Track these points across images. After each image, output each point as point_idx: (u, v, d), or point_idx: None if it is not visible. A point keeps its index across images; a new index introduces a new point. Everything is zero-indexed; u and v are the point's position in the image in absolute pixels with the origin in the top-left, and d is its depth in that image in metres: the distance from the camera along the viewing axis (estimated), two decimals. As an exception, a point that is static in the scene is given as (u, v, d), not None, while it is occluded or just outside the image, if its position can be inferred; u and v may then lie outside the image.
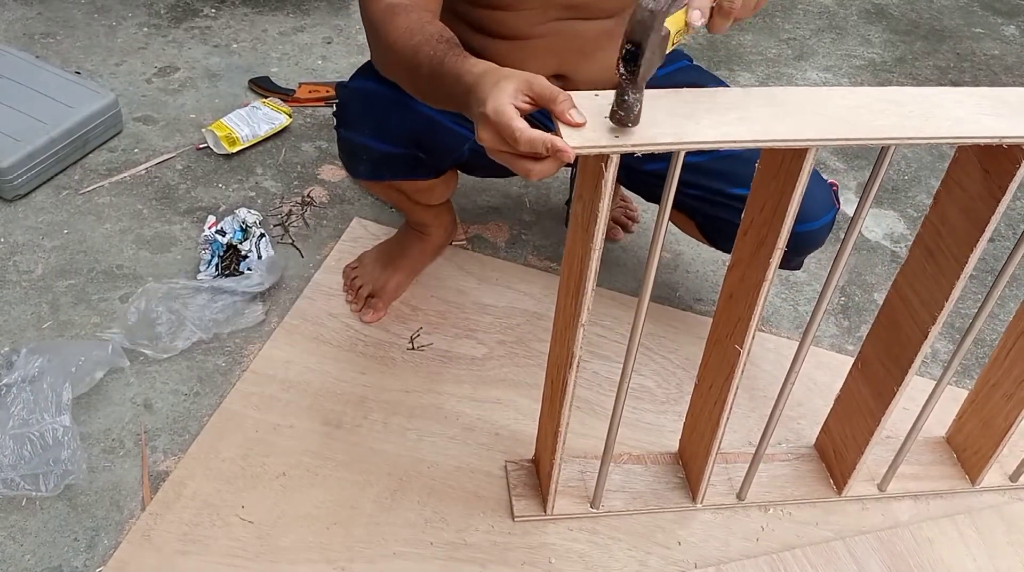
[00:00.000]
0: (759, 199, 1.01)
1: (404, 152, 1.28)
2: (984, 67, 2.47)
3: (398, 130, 1.26)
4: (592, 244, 0.92)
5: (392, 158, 1.29)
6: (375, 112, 1.26)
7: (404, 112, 1.23)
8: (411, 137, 1.26)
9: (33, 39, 2.14)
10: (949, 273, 1.05)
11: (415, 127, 1.25)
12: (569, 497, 1.27)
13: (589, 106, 0.86)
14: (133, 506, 1.25)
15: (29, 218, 1.68)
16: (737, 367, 1.10)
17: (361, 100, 1.27)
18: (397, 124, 1.25)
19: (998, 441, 1.29)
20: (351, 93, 1.30)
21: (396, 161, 1.30)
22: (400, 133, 1.26)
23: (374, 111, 1.26)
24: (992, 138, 0.90)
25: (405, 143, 1.27)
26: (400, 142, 1.27)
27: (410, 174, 1.35)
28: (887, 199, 1.96)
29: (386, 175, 1.35)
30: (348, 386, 1.43)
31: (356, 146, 1.31)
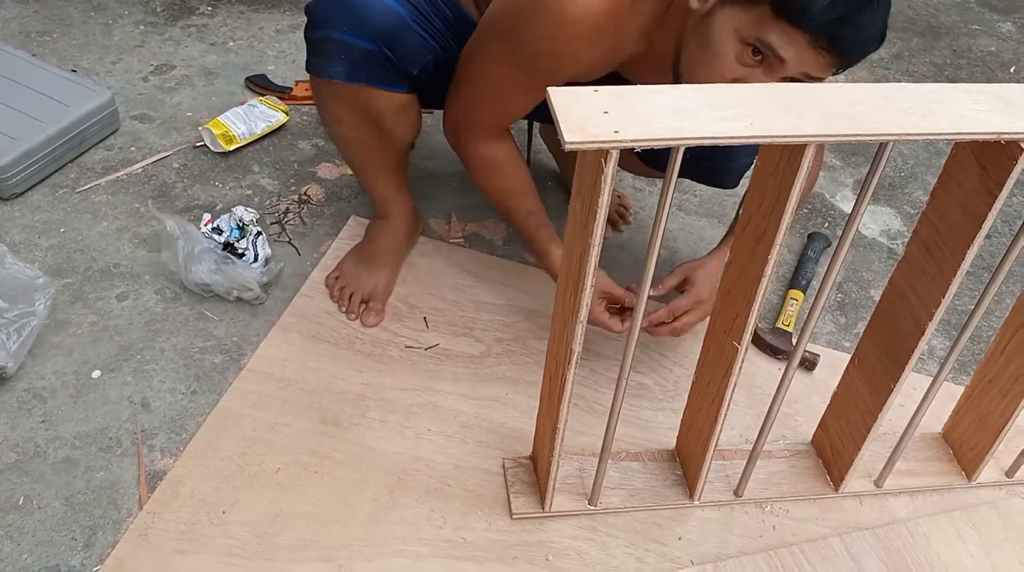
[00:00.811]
0: (757, 195, 1.01)
1: (377, 50, 1.30)
2: (981, 64, 2.47)
3: (371, 26, 1.29)
4: (591, 240, 0.92)
5: (369, 56, 1.31)
6: (350, 8, 1.28)
7: (376, 7, 1.28)
8: (383, 34, 1.29)
9: (29, 37, 2.13)
10: (946, 269, 1.05)
11: (386, 24, 1.29)
12: (567, 494, 1.28)
13: (589, 100, 0.86)
14: (131, 505, 1.25)
15: (26, 217, 1.68)
16: (735, 364, 1.10)
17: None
18: (371, 20, 1.28)
19: (994, 437, 1.29)
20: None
21: (372, 61, 1.31)
22: (374, 29, 1.29)
23: (349, 6, 1.28)
24: (990, 134, 0.90)
25: (378, 40, 1.29)
26: (375, 38, 1.29)
27: (384, 81, 1.35)
28: (884, 196, 1.96)
29: (362, 78, 1.34)
30: (346, 384, 1.43)
31: (334, 44, 1.31)
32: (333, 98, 1.39)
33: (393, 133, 1.44)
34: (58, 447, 1.31)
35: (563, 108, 0.85)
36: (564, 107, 0.85)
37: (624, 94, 0.88)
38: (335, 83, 1.34)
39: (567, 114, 0.84)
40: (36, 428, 1.33)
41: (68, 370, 1.41)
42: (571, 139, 0.82)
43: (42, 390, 1.38)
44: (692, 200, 1.89)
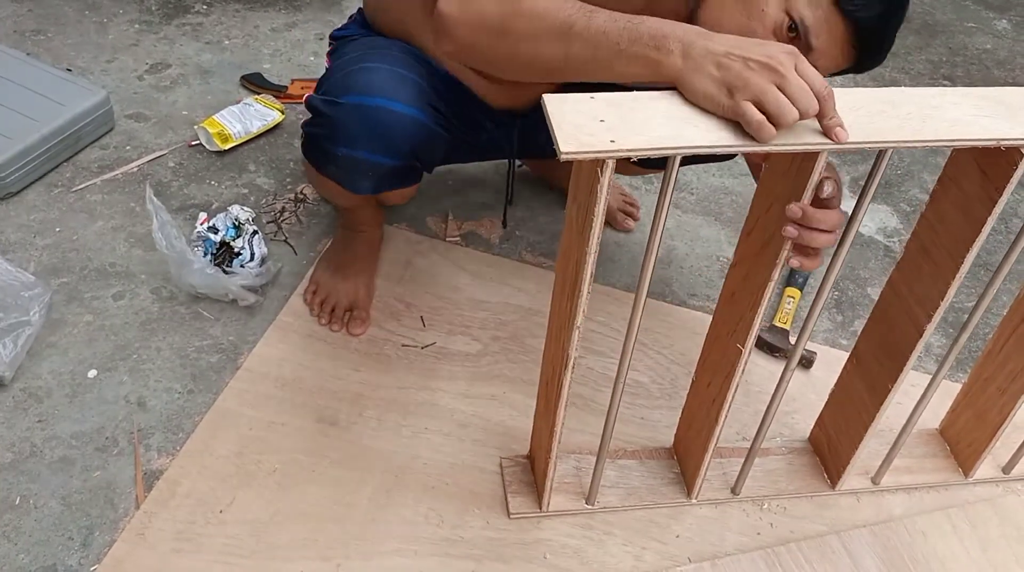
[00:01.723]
0: (766, 199, 1.00)
1: (405, 164, 1.27)
2: (976, 61, 2.47)
3: (401, 145, 1.23)
4: (588, 247, 0.91)
5: (396, 171, 1.27)
6: (381, 128, 1.21)
7: (404, 124, 1.21)
8: (411, 148, 1.24)
9: (24, 36, 2.13)
10: (945, 272, 1.05)
11: (416, 140, 1.23)
12: (564, 493, 1.28)
13: (584, 108, 0.85)
14: (127, 504, 1.25)
15: (21, 216, 1.67)
16: (738, 366, 1.10)
17: (364, 117, 1.21)
18: (400, 139, 1.22)
19: (992, 434, 1.29)
20: (350, 111, 1.21)
21: (398, 173, 1.29)
22: (404, 148, 1.24)
23: (380, 127, 1.21)
24: (990, 140, 0.89)
25: (407, 155, 1.25)
26: (403, 155, 1.25)
27: (406, 182, 1.34)
28: (880, 194, 1.96)
29: (386, 187, 1.33)
30: (342, 383, 1.43)
31: (361, 164, 1.26)
32: (339, 191, 1.35)
33: (391, 202, 1.50)
34: (54, 447, 1.31)
35: (557, 116, 0.83)
36: (558, 115, 0.83)
37: (619, 101, 0.86)
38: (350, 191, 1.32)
39: (561, 122, 0.82)
40: (32, 428, 1.33)
41: (64, 370, 1.41)
42: (566, 150, 0.80)
43: (38, 390, 1.38)
44: (689, 198, 1.89)
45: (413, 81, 1.23)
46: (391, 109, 1.19)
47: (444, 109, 1.28)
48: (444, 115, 1.28)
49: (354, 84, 1.21)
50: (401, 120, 1.20)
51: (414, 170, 1.30)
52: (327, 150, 1.25)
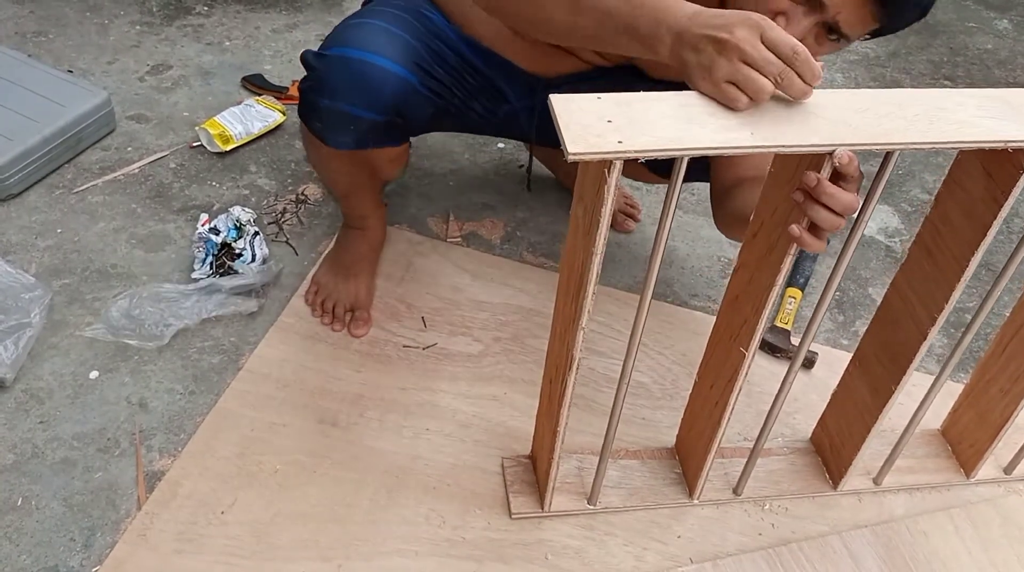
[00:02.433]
0: (771, 202, 0.99)
1: (386, 119, 1.27)
2: (977, 61, 2.47)
3: (384, 100, 1.25)
4: (594, 248, 0.91)
5: (376, 126, 1.28)
6: (363, 81, 1.23)
7: (387, 80, 1.23)
8: (395, 106, 1.26)
9: (25, 38, 2.13)
10: (949, 274, 1.05)
11: (398, 96, 1.25)
12: (566, 494, 1.27)
13: (591, 108, 0.84)
14: (129, 505, 1.25)
15: (22, 218, 1.67)
16: (741, 370, 1.10)
17: (346, 69, 1.23)
18: (382, 94, 1.24)
19: (993, 435, 1.29)
20: (334, 62, 1.24)
21: (379, 129, 1.29)
22: (386, 103, 1.25)
23: (362, 80, 1.23)
24: (996, 142, 0.89)
25: (387, 110, 1.26)
26: (384, 110, 1.26)
27: (388, 141, 1.34)
28: (882, 194, 1.96)
29: (369, 143, 1.33)
30: (343, 384, 1.43)
31: (343, 116, 1.27)
32: (328, 154, 1.36)
33: (383, 173, 1.47)
34: (56, 448, 1.31)
35: (564, 116, 0.82)
36: (565, 115, 0.83)
37: (626, 101, 0.86)
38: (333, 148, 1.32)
39: (568, 122, 0.82)
40: (34, 429, 1.33)
41: (66, 371, 1.41)
42: (574, 150, 0.79)
43: (40, 391, 1.38)
44: (690, 198, 1.89)
45: (404, 41, 1.24)
46: (373, 63, 1.21)
47: (441, 75, 1.30)
48: (438, 80, 1.30)
49: (343, 38, 1.24)
50: (382, 74, 1.22)
51: (396, 128, 1.31)
52: (312, 102, 1.27)
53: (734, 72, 0.86)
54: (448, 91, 1.32)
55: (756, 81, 0.86)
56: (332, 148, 1.31)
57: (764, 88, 0.86)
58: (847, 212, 0.92)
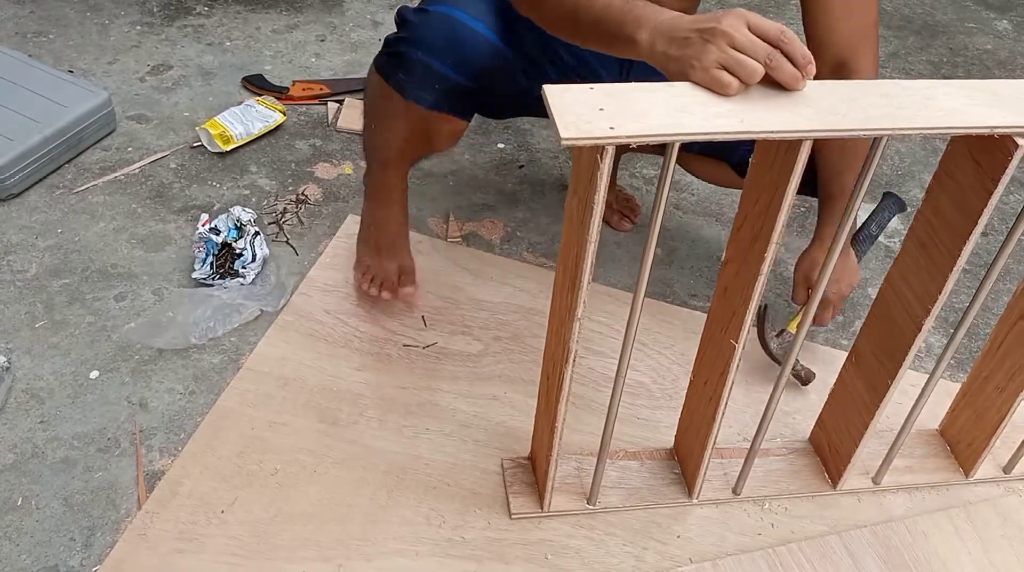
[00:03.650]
0: (753, 193, 1.01)
1: (476, 87, 1.28)
2: (977, 62, 2.47)
3: (478, 65, 1.26)
4: (587, 237, 0.92)
5: (461, 90, 1.29)
6: (461, 43, 1.25)
7: (484, 46, 1.25)
8: (485, 71, 1.27)
9: (26, 38, 2.13)
10: (942, 266, 1.05)
11: (493, 65, 1.26)
12: (566, 494, 1.28)
13: (584, 98, 0.86)
14: (129, 505, 1.25)
15: (23, 218, 1.67)
16: (732, 362, 1.10)
17: (447, 27, 1.25)
18: (478, 58, 1.25)
19: (991, 433, 1.29)
20: (436, 19, 1.25)
21: (462, 93, 1.30)
22: (478, 66, 1.26)
23: (461, 42, 1.25)
24: (984, 128, 0.91)
25: (478, 76, 1.27)
26: (475, 75, 1.27)
27: (462, 110, 1.36)
28: (880, 193, 1.96)
29: (445, 106, 1.33)
30: (344, 383, 1.43)
31: (432, 73, 1.28)
32: (395, 112, 1.35)
33: (436, 147, 1.46)
34: (56, 447, 1.31)
35: (559, 105, 0.85)
36: (559, 104, 0.85)
37: (619, 91, 0.88)
38: (409, 103, 1.31)
39: (562, 111, 0.85)
40: (34, 428, 1.33)
41: (66, 371, 1.41)
42: (566, 136, 0.82)
43: (40, 391, 1.38)
44: (690, 199, 1.89)
45: (506, 13, 1.25)
46: (475, 28, 1.24)
47: (538, 54, 1.32)
48: (533, 60, 1.31)
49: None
50: (482, 41, 1.24)
51: (476, 97, 1.32)
52: (403, 54, 1.29)
53: (724, 57, 0.89)
54: (541, 71, 1.33)
55: (746, 64, 0.89)
56: (408, 102, 1.31)
57: (755, 70, 0.89)
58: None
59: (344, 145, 1.93)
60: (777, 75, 0.90)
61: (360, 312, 1.55)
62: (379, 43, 2.23)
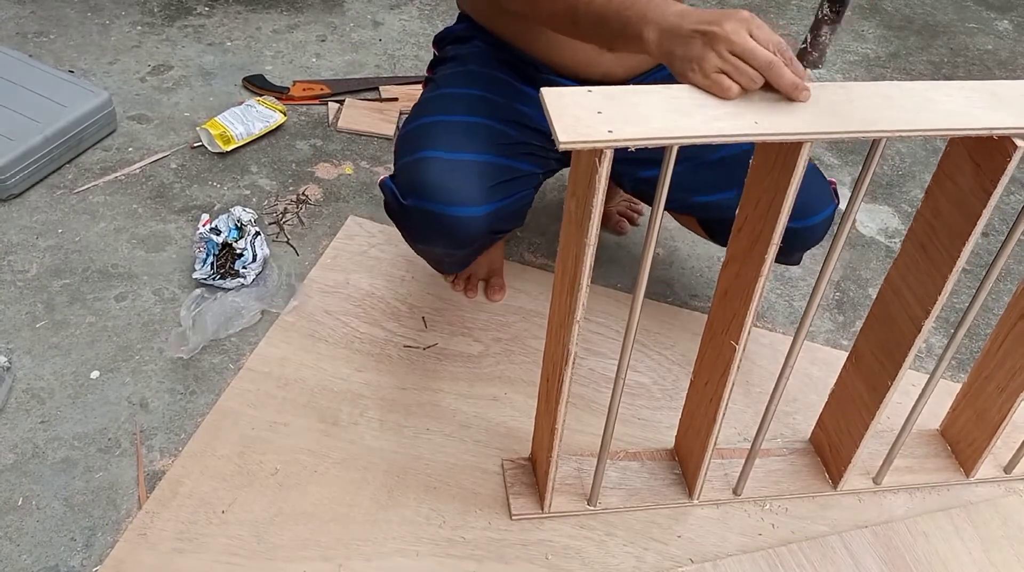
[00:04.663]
0: (753, 195, 1.01)
1: (484, 245, 1.33)
2: (978, 62, 2.47)
3: (473, 238, 1.23)
4: (586, 240, 0.92)
5: (479, 250, 1.35)
6: (450, 232, 1.22)
7: (471, 225, 1.21)
8: (488, 234, 1.26)
9: (26, 38, 2.13)
10: (942, 266, 1.06)
11: (484, 230, 1.23)
12: (566, 495, 1.28)
13: (582, 101, 0.86)
14: (130, 505, 1.25)
15: (23, 218, 1.68)
16: (733, 363, 1.10)
17: (431, 222, 1.21)
18: (469, 235, 1.22)
19: (992, 433, 1.29)
20: (417, 215, 1.21)
21: (482, 248, 1.36)
22: (477, 238, 1.24)
23: (449, 231, 1.22)
24: (983, 130, 0.91)
25: (483, 239, 1.27)
26: (477, 244, 1.28)
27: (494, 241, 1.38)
28: (881, 194, 1.96)
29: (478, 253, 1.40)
30: (344, 384, 1.43)
31: (442, 255, 1.34)
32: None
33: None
34: (57, 448, 1.31)
35: (556, 108, 0.85)
36: (557, 108, 0.85)
37: (617, 94, 0.89)
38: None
39: (560, 114, 0.85)
40: (35, 429, 1.33)
41: (67, 371, 1.41)
42: (565, 139, 0.82)
43: (40, 391, 1.38)
44: (690, 199, 1.89)
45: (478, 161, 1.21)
46: (453, 215, 1.19)
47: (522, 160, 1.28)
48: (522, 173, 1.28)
49: (416, 184, 1.21)
50: (466, 223, 1.20)
51: (498, 238, 1.35)
52: (407, 237, 1.31)
53: (724, 62, 0.90)
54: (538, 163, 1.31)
55: (746, 71, 0.89)
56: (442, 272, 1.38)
57: (753, 78, 0.89)
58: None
59: (344, 145, 1.93)
60: (778, 84, 0.90)
61: (360, 313, 1.55)
62: (379, 43, 2.25)
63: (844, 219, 0.99)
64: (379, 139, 1.94)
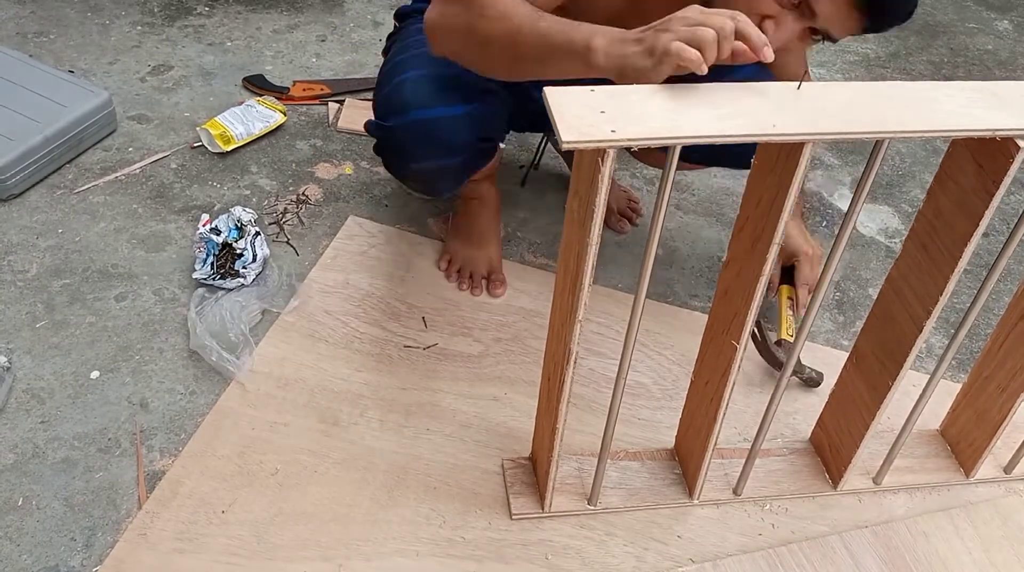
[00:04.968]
0: (755, 194, 1.01)
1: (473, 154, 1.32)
2: (978, 62, 2.47)
3: (459, 142, 1.28)
4: (589, 239, 0.92)
5: (468, 162, 1.34)
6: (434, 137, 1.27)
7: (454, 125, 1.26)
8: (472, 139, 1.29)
9: (26, 38, 2.13)
10: (943, 267, 1.05)
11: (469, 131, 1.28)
12: (566, 495, 1.28)
13: (585, 100, 0.86)
14: (130, 505, 1.25)
15: (23, 218, 1.67)
16: (733, 363, 1.10)
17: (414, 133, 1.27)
18: (455, 139, 1.27)
19: (992, 433, 1.29)
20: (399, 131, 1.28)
21: (471, 162, 1.35)
22: (463, 143, 1.29)
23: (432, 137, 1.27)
24: (985, 131, 0.91)
25: (470, 147, 1.30)
26: (467, 149, 1.30)
27: (482, 163, 1.40)
28: (881, 194, 1.96)
29: (466, 177, 1.40)
30: (344, 384, 1.43)
31: (434, 171, 1.34)
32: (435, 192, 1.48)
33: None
34: (57, 448, 1.31)
35: (559, 107, 0.85)
36: (560, 107, 0.85)
37: (620, 93, 0.88)
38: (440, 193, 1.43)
39: (563, 113, 0.85)
40: (35, 429, 1.33)
41: (67, 371, 1.41)
42: (568, 138, 0.82)
43: (40, 391, 1.38)
44: (690, 199, 1.89)
45: (449, 75, 1.25)
46: (435, 117, 1.25)
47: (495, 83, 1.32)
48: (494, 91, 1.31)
49: (396, 103, 1.27)
50: (448, 123, 1.25)
51: (485, 152, 1.36)
52: (399, 165, 1.35)
53: (683, 34, 0.89)
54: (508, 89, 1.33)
55: (701, 32, 0.89)
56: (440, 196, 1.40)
57: (708, 36, 0.88)
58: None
59: (344, 145, 1.93)
60: (747, 40, 0.89)
61: (360, 313, 1.55)
62: (380, 43, 2.25)
63: (846, 220, 0.99)
64: (379, 139, 1.95)
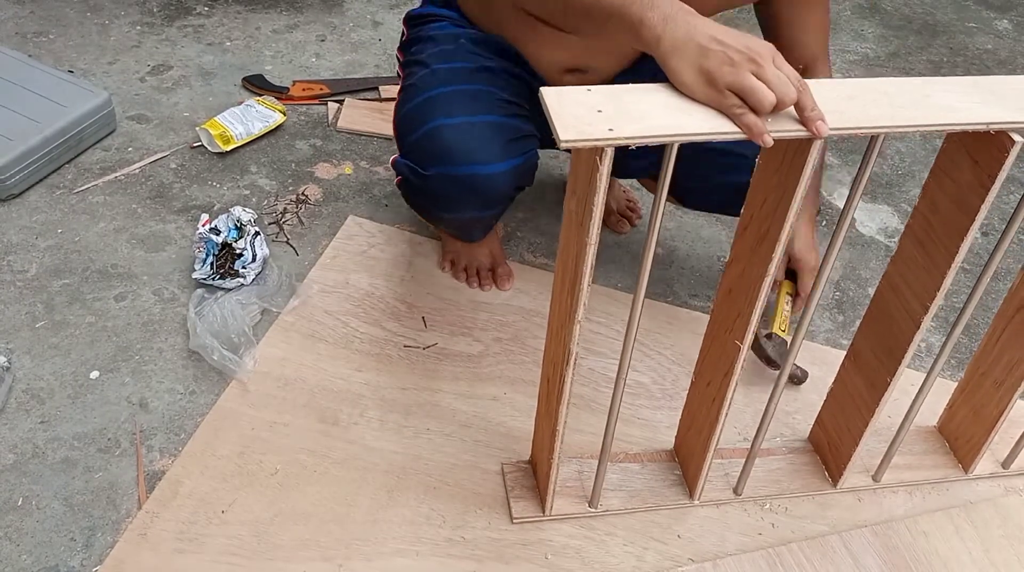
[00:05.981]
0: (760, 193, 1.00)
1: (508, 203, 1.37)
2: (977, 61, 2.47)
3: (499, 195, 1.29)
4: (587, 239, 0.92)
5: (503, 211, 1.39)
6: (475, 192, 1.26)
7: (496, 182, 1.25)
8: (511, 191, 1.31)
9: (26, 38, 2.13)
10: (940, 263, 1.06)
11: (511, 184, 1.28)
12: (567, 497, 1.27)
13: (582, 100, 0.86)
14: (130, 505, 1.25)
15: (23, 218, 1.68)
16: (736, 363, 1.10)
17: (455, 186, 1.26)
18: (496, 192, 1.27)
19: (989, 429, 1.30)
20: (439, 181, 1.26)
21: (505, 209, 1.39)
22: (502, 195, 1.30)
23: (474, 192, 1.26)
24: (980, 124, 0.91)
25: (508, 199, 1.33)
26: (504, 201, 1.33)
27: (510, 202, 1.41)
28: (881, 193, 1.97)
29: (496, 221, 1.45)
30: (344, 384, 1.43)
31: (469, 222, 1.37)
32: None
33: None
34: (57, 448, 1.31)
35: (556, 107, 0.85)
36: (557, 106, 0.85)
37: (617, 93, 0.88)
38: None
39: (560, 113, 0.84)
40: (35, 429, 1.33)
41: (66, 371, 1.41)
42: (565, 138, 0.82)
43: (40, 391, 1.38)
44: (690, 199, 1.89)
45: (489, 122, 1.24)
46: (480, 174, 1.23)
47: (529, 110, 1.31)
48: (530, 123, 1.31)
49: (437, 151, 1.23)
50: (493, 180, 1.24)
51: (519, 192, 1.38)
52: (432, 212, 1.34)
53: (744, 80, 0.85)
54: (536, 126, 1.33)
55: (764, 92, 0.84)
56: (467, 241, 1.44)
57: (768, 99, 0.84)
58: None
59: (344, 145, 1.93)
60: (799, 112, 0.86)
61: (360, 313, 1.55)
62: (379, 43, 2.25)
63: (843, 217, 0.99)
64: (379, 139, 1.95)
